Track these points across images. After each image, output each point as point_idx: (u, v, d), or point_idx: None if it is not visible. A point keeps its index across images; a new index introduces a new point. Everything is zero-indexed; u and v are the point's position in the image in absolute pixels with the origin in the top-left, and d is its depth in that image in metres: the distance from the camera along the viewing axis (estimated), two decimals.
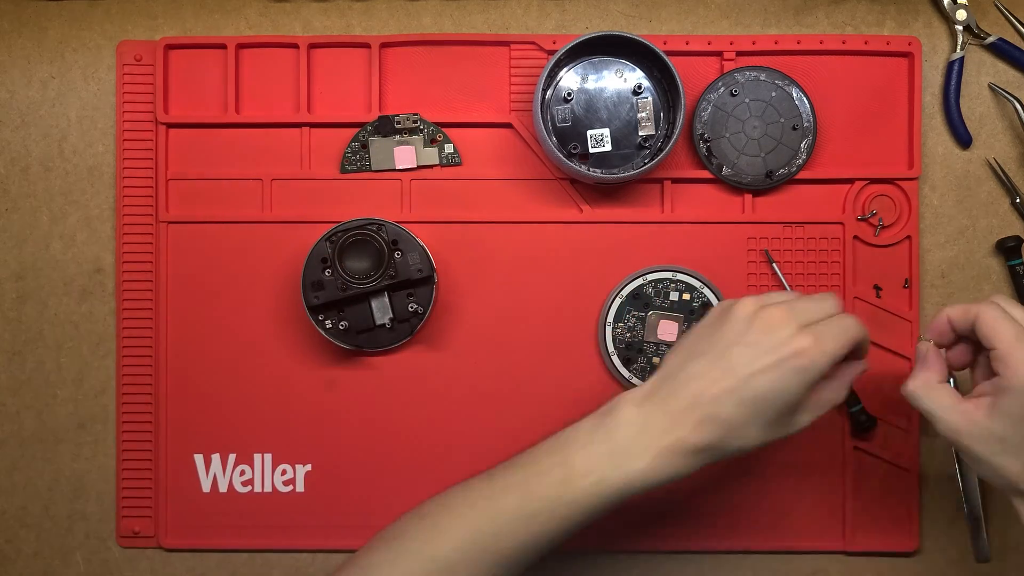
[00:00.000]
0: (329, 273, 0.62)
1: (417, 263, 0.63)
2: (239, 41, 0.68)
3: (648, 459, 0.53)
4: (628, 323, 0.67)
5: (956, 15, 0.68)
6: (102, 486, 0.69)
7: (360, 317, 0.63)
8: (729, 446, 0.54)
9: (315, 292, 0.62)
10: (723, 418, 0.53)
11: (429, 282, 0.64)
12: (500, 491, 0.56)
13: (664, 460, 0.53)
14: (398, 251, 0.63)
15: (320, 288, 0.62)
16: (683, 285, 0.67)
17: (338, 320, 0.63)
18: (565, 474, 0.54)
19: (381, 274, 0.62)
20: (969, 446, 0.53)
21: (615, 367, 0.67)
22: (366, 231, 0.63)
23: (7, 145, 0.69)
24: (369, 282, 0.62)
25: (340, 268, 0.62)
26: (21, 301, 0.69)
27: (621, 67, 0.66)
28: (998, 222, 0.69)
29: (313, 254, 0.63)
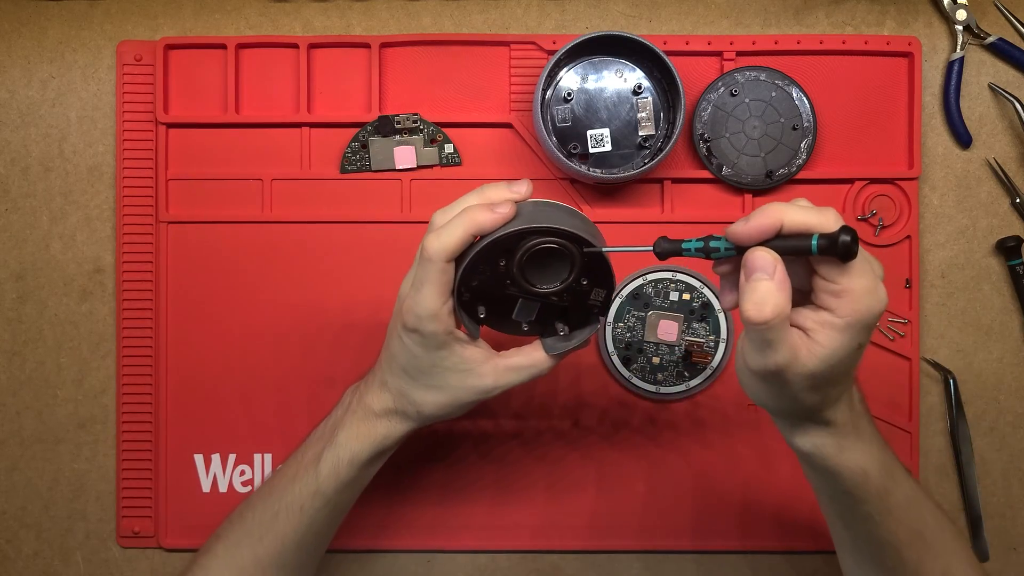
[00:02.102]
0: (502, 265, 0.52)
1: (599, 300, 0.53)
2: (239, 41, 0.68)
3: (350, 428, 0.56)
4: (628, 323, 0.67)
5: (956, 15, 0.68)
6: (102, 486, 0.69)
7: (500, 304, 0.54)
8: (411, 409, 0.54)
9: (473, 280, 0.52)
10: (387, 380, 0.55)
11: (591, 321, 0.54)
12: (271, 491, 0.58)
13: (364, 427, 0.55)
14: (587, 279, 0.53)
15: (480, 277, 0.52)
16: (683, 285, 0.67)
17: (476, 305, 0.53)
18: (309, 465, 0.57)
19: (559, 290, 0.52)
20: (787, 383, 0.47)
21: (615, 367, 0.67)
22: (565, 248, 0.51)
23: (7, 145, 0.69)
24: (543, 290, 0.53)
25: (520, 272, 0.52)
26: (21, 301, 0.69)
27: (621, 67, 0.66)
28: (998, 222, 0.69)
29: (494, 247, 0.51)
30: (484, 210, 0.50)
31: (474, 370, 0.53)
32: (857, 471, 0.51)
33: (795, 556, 0.68)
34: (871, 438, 0.52)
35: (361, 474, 0.57)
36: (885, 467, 0.52)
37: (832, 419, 0.50)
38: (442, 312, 0.51)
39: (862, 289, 0.46)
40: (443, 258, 0.50)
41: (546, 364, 0.54)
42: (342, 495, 0.57)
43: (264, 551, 0.57)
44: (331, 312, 0.67)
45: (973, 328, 0.69)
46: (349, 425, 0.56)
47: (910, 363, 0.68)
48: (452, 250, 0.50)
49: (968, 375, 0.69)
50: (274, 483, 0.58)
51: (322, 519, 0.57)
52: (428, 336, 0.51)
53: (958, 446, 0.68)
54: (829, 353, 0.47)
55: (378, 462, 0.57)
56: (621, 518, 0.68)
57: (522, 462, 0.68)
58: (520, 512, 0.68)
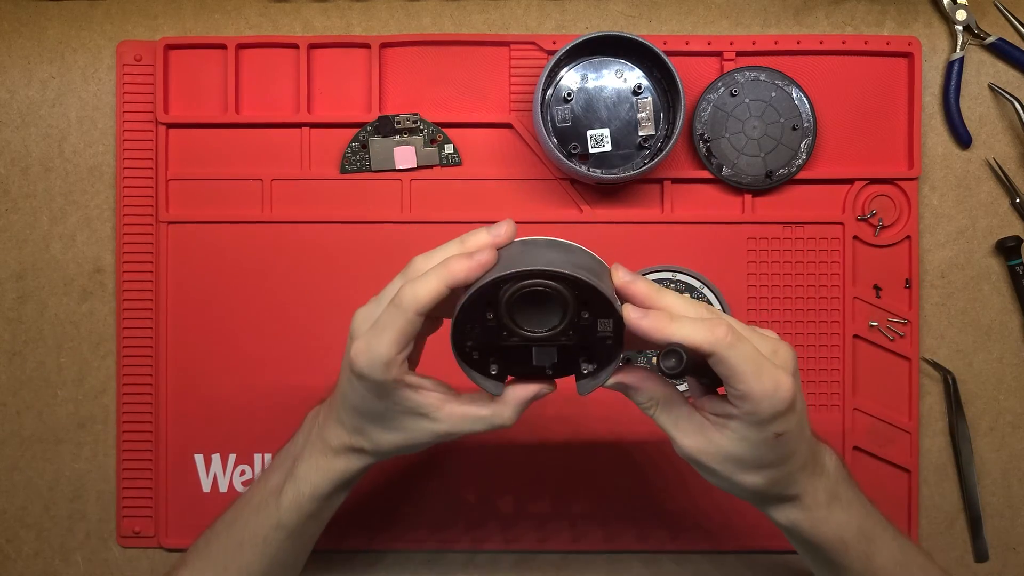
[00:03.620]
0: (491, 318, 0.48)
1: (609, 331, 0.48)
2: (239, 41, 0.68)
3: (309, 460, 0.54)
4: None
5: (956, 15, 0.68)
6: (102, 486, 0.69)
7: (516, 358, 0.50)
8: (369, 447, 0.52)
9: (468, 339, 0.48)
10: (342, 417, 0.53)
11: (612, 356, 0.49)
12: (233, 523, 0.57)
13: (323, 461, 0.54)
14: (587, 312, 0.48)
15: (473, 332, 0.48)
16: (683, 285, 0.67)
17: (488, 360, 0.49)
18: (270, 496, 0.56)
19: (558, 332, 0.48)
20: (710, 467, 0.49)
21: None
22: (549, 288, 0.47)
23: (7, 145, 0.69)
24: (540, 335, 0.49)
25: (511, 320, 0.48)
26: (21, 301, 0.69)
27: (621, 67, 0.66)
28: (998, 222, 0.69)
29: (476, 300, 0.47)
30: (462, 260, 0.47)
31: (429, 415, 0.50)
32: (835, 540, 0.52)
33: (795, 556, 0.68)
34: (850, 503, 0.52)
35: (324, 506, 0.56)
36: (865, 533, 0.52)
37: (798, 493, 0.51)
38: (395, 360, 0.48)
39: (759, 393, 0.46)
40: (414, 309, 0.47)
41: (507, 415, 0.50)
42: (306, 527, 0.56)
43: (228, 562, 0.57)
44: (331, 312, 0.67)
45: (973, 328, 0.69)
46: (308, 458, 0.54)
47: (910, 363, 0.68)
48: (425, 303, 0.46)
49: (968, 375, 0.69)
50: (239, 510, 0.58)
51: (286, 550, 0.56)
52: (378, 385, 0.48)
53: (958, 446, 0.68)
54: (739, 439, 0.48)
55: (341, 494, 0.56)
56: (621, 518, 0.68)
57: (522, 462, 0.68)
58: (520, 512, 0.68)
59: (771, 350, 0.48)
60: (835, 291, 0.68)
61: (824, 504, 0.51)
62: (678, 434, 0.50)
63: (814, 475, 0.51)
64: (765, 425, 0.47)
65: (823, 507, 0.51)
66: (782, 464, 0.49)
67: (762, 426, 0.47)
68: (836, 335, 0.68)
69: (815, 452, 0.52)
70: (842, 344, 0.68)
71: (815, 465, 0.51)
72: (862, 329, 0.68)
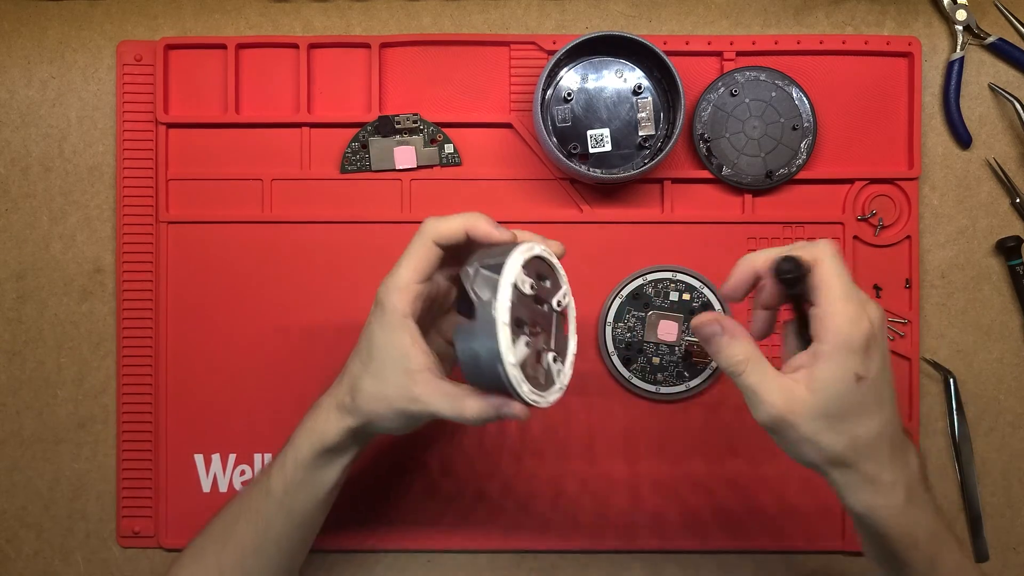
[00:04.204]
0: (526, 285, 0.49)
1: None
2: (239, 41, 0.68)
3: (301, 425, 0.55)
4: (628, 323, 0.67)
5: (956, 15, 0.68)
6: (102, 486, 0.69)
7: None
8: (351, 397, 0.53)
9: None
10: (347, 366, 0.54)
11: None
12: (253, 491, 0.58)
13: (310, 422, 0.55)
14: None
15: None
16: (683, 285, 0.67)
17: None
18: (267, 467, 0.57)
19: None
20: (795, 425, 0.48)
21: (615, 367, 0.67)
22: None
23: (7, 145, 0.69)
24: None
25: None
26: (21, 301, 0.69)
27: (621, 67, 0.66)
28: (998, 222, 0.69)
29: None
30: (485, 217, 0.51)
31: (412, 371, 0.50)
32: (907, 536, 0.51)
33: (795, 556, 0.68)
34: (925, 504, 0.52)
35: (308, 477, 0.55)
36: (935, 536, 0.52)
37: (878, 475, 0.49)
38: (409, 291, 0.51)
39: (842, 313, 0.47)
40: (433, 236, 0.50)
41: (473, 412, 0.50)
42: (295, 499, 0.56)
43: (227, 558, 0.57)
44: (331, 312, 0.67)
45: (973, 328, 0.69)
46: (302, 423, 0.56)
47: (910, 363, 0.68)
48: (444, 233, 0.50)
49: (968, 375, 0.69)
50: (243, 490, 0.59)
51: (278, 524, 0.56)
52: (388, 310, 0.50)
53: (958, 446, 0.68)
54: (822, 384, 0.47)
55: (325, 465, 0.55)
56: (621, 518, 0.68)
57: (522, 462, 0.68)
58: (520, 512, 0.68)
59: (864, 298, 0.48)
60: None
61: (903, 497, 0.50)
62: (764, 393, 0.48)
63: (895, 464, 0.50)
64: (846, 356, 0.47)
65: (901, 500, 0.50)
66: (864, 420, 0.48)
67: (843, 357, 0.47)
68: None
69: (902, 444, 0.51)
70: None
71: (901, 457, 0.50)
72: None
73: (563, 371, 0.52)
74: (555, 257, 0.52)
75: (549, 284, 0.51)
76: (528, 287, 0.49)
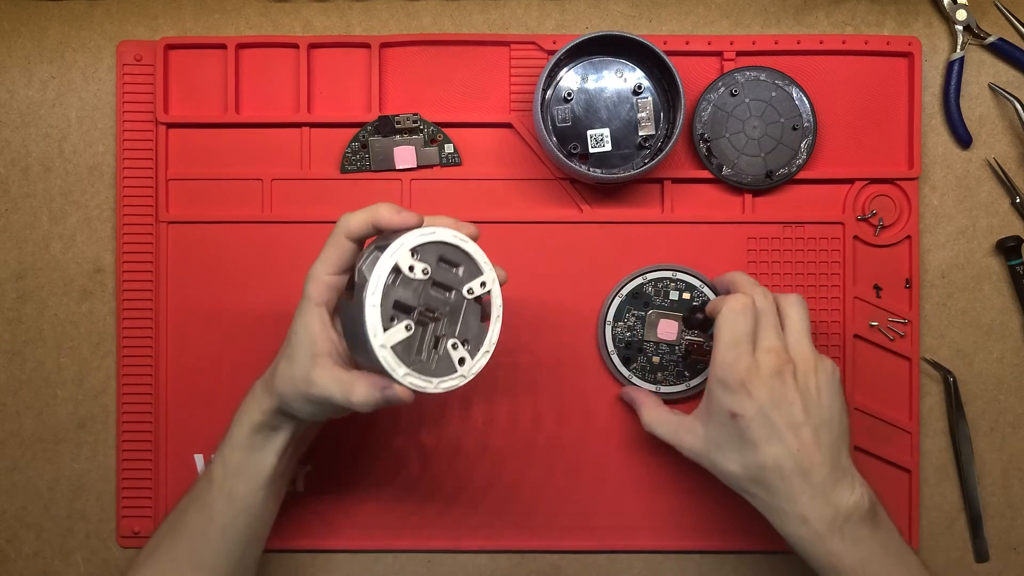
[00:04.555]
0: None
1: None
2: (239, 41, 0.68)
3: (251, 397, 0.57)
4: (628, 322, 0.67)
5: (956, 15, 0.68)
6: (102, 486, 0.69)
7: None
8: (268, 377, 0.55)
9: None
10: (277, 356, 0.56)
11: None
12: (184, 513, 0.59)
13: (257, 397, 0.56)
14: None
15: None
16: (683, 284, 0.67)
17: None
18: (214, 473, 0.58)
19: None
20: (701, 457, 0.59)
21: (615, 366, 0.67)
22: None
23: (7, 145, 0.69)
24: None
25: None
26: (21, 301, 0.69)
27: (621, 67, 0.66)
28: (998, 222, 0.69)
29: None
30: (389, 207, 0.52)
31: (315, 355, 0.52)
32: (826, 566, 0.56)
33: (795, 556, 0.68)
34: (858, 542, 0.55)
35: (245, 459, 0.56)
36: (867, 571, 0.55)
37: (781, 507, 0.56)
38: (320, 281, 0.53)
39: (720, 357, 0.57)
40: (343, 231, 0.53)
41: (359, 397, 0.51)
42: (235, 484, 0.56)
43: (178, 550, 0.58)
44: None
45: (973, 328, 0.69)
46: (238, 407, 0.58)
47: (910, 363, 0.68)
48: (354, 228, 0.52)
49: (968, 375, 0.69)
50: (192, 484, 0.60)
51: (221, 512, 0.57)
52: (304, 298, 0.53)
53: (958, 446, 0.68)
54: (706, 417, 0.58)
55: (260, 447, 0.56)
56: (621, 518, 0.68)
57: (522, 462, 0.68)
58: (520, 512, 0.68)
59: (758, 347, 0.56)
60: (835, 291, 0.68)
61: (819, 530, 0.55)
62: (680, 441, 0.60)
63: (814, 497, 0.55)
64: (720, 394, 0.56)
65: (815, 533, 0.55)
66: (747, 451, 0.56)
67: (719, 395, 0.56)
68: (836, 335, 0.68)
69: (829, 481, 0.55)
70: (842, 344, 0.68)
71: (815, 487, 0.55)
72: (862, 329, 0.68)
73: (471, 361, 0.52)
74: (470, 243, 0.52)
75: (461, 272, 0.52)
76: (421, 272, 0.50)
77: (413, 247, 0.50)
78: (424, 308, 0.51)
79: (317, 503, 0.68)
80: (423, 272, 0.50)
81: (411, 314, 0.51)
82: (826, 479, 0.55)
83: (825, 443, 0.56)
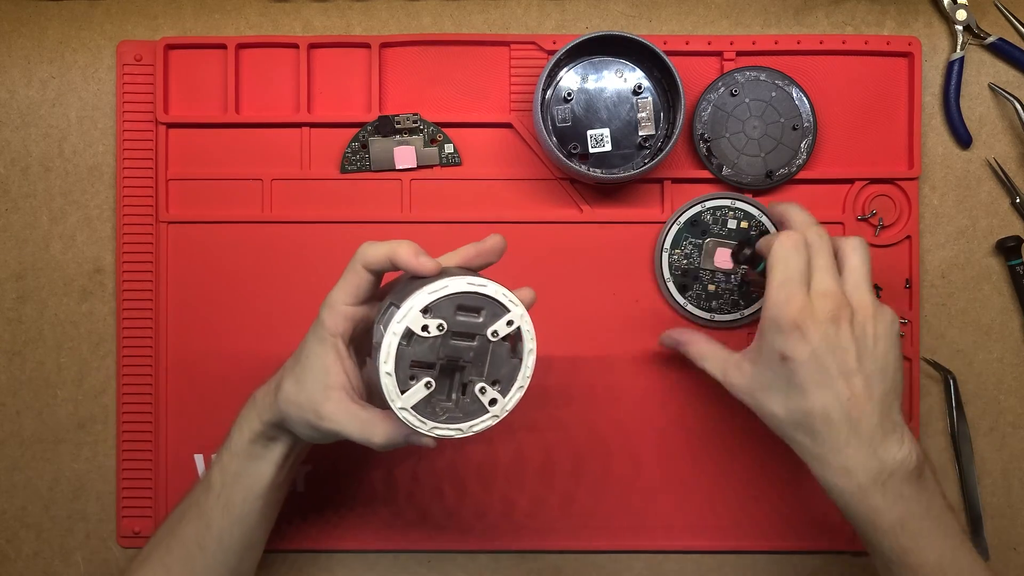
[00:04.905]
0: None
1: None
2: (239, 41, 0.68)
3: (251, 406, 0.56)
4: (685, 249, 0.67)
5: (956, 15, 0.68)
6: (102, 486, 0.69)
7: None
8: (272, 392, 0.54)
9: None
10: (283, 371, 0.55)
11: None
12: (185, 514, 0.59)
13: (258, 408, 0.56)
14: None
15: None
16: (741, 213, 0.67)
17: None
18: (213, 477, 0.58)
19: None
20: (746, 396, 0.57)
21: (670, 293, 0.67)
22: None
23: (7, 145, 0.69)
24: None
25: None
26: (21, 301, 0.69)
27: (621, 67, 0.66)
28: (998, 222, 0.69)
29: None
30: (409, 248, 0.50)
31: (328, 388, 0.51)
32: (864, 519, 0.54)
33: (795, 556, 0.68)
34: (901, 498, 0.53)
35: (243, 468, 0.56)
36: (907, 527, 0.53)
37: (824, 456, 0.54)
38: (338, 311, 0.52)
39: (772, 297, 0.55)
40: (362, 261, 0.52)
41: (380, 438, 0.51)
42: (232, 492, 0.56)
43: (172, 557, 0.57)
44: None
45: (973, 328, 0.69)
46: (238, 415, 0.58)
47: (910, 363, 0.68)
48: (371, 259, 0.51)
49: (968, 375, 0.69)
50: (189, 490, 0.60)
51: (218, 520, 0.56)
52: (320, 324, 0.53)
53: (958, 446, 0.68)
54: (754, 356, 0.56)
55: (259, 457, 0.56)
56: (621, 518, 0.68)
57: (522, 462, 0.68)
58: (521, 512, 0.68)
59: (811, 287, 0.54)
60: None
61: (859, 483, 0.53)
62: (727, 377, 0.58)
63: (856, 447, 0.53)
64: (772, 336, 0.54)
65: (856, 486, 0.53)
66: (794, 395, 0.54)
67: (770, 336, 0.54)
68: None
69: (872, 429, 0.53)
70: None
71: (863, 438, 0.53)
72: None
73: (504, 400, 0.51)
74: (489, 286, 0.49)
75: (482, 316, 0.49)
76: (435, 328, 0.48)
77: (424, 307, 0.48)
78: (445, 360, 0.49)
79: (317, 503, 0.68)
80: (438, 328, 0.48)
81: (432, 368, 0.49)
82: (875, 431, 0.53)
83: (877, 394, 0.53)
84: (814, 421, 0.53)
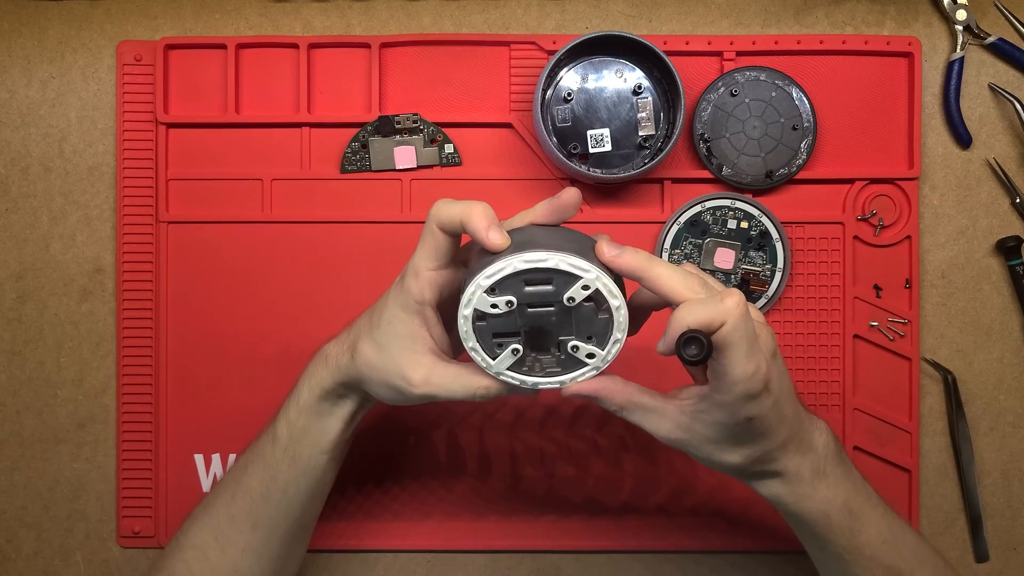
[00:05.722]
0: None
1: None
2: (239, 41, 0.68)
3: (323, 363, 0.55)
4: (685, 250, 0.67)
5: (956, 15, 0.68)
6: (102, 486, 0.69)
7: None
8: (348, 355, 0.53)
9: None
10: (355, 321, 0.54)
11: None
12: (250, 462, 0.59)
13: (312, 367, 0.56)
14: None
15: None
16: (741, 213, 0.67)
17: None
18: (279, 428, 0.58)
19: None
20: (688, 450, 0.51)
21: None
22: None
23: (7, 145, 0.69)
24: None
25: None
26: (21, 301, 0.69)
27: (621, 67, 0.66)
28: (998, 222, 0.69)
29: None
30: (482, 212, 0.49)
31: (415, 352, 0.51)
32: (818, 514, 0.53)
33: (795, 556, 0.68)
34: (838, 480, 0.53)
35: (311, 423, 0.56)
36: (851, 508, 0.53)
37: (780, 470, 0.52)
38: (423, 277, 0.50)
39: (741, 372, 0.46)
40: (436, 220, 0.50)
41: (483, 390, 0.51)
42: (299, 445, 0.56)
43: (236, 506, 0.57)
44: (331, 312, 0.67)
45: (973, 328, 0.69)
46: (305, 369, 0.57)
47: (910, 363, 0.68)
48: (446, 220, 0.49)
49: (968, 375, 0.69)
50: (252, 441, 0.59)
51: (284, 472, 0.56)
52: (405, 290, 0.51)
53: (958, 446, 0.68)
54: (711, 426, 0.50)
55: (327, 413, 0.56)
56: (621, 518, 0.68)
57: (522, 462, 0.68)
58: (521, 512, 0.68)
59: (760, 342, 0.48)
60: (835, 291, 0.68)
61: (808, 480, 0.52)
62: (654, 428, 0.51)
63: (798, 452, 0.52)
64: (741, 406, 0.48)
65: (807, 483, 0.52)
66: (758, 443, 0.50)
67: (738, 407, 0.48)
68: (836, 335, 0.68)
69: (801, 429, 0.52)
70: (842, 344, 0.68)
71: (800, 442, 0.52)
72: (862, 329, 0.68)
73: (602, 352, 0.50)
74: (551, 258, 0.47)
75: (554, 285, 0.49)
76: (505, 304, 0.48)
77: (488, 288, 0.48)
78: (527, 328, 0.49)
79: None
80: (507, 304, 0.48)
81: (518, 336, 0.49)
82: (802, 429, 0.52)
83: (791, 394, 0.51)
84: (774, 452, 0.51)
